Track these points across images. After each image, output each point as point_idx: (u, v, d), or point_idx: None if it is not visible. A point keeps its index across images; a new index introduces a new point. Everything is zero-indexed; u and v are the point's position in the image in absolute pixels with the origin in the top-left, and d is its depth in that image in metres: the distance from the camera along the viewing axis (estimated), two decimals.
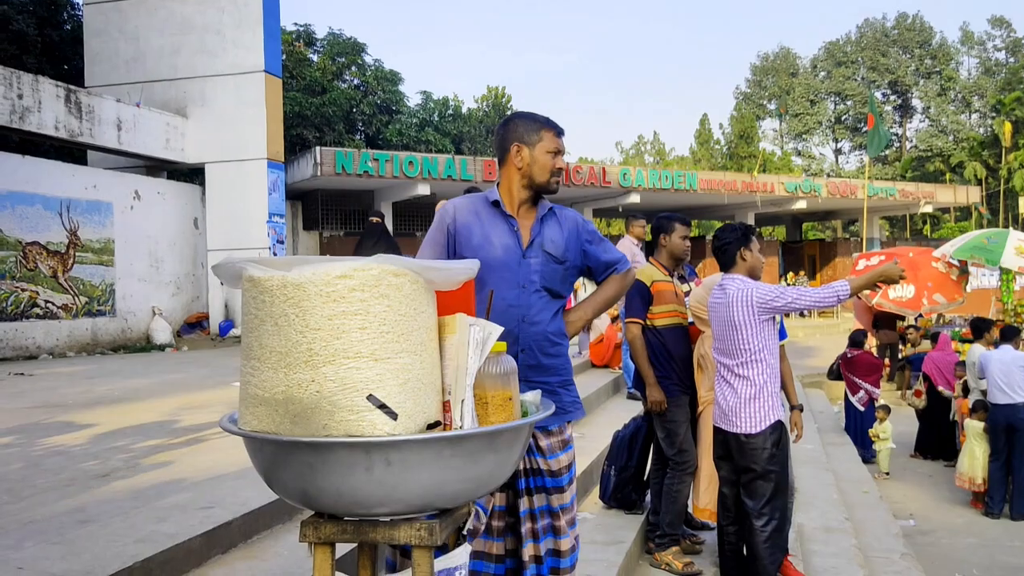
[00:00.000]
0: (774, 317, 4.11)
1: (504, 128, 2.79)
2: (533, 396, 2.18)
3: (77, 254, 12.73)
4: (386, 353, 1.81)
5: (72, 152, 15.64)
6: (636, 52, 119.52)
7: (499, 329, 2.00)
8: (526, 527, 2.64)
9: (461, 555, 2.16)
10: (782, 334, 4.66)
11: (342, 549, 2.24)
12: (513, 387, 2.04)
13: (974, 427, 8.56)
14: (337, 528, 1.94)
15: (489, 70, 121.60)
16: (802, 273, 30.58)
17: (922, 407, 10.66)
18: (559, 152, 2.75)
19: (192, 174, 16.44)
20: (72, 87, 13.18)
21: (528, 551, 2.64)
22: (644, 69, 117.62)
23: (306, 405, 1.79)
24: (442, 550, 2.10)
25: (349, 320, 1.79)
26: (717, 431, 4.24)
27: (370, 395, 1.78)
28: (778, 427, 4.07)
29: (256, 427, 1.87)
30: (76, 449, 4.92)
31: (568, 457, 2.74)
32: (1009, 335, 8.66)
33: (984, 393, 8.58)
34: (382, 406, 1.79)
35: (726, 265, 4.25)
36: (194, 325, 14.79)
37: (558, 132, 2.75)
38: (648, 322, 4.68)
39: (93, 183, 13.11)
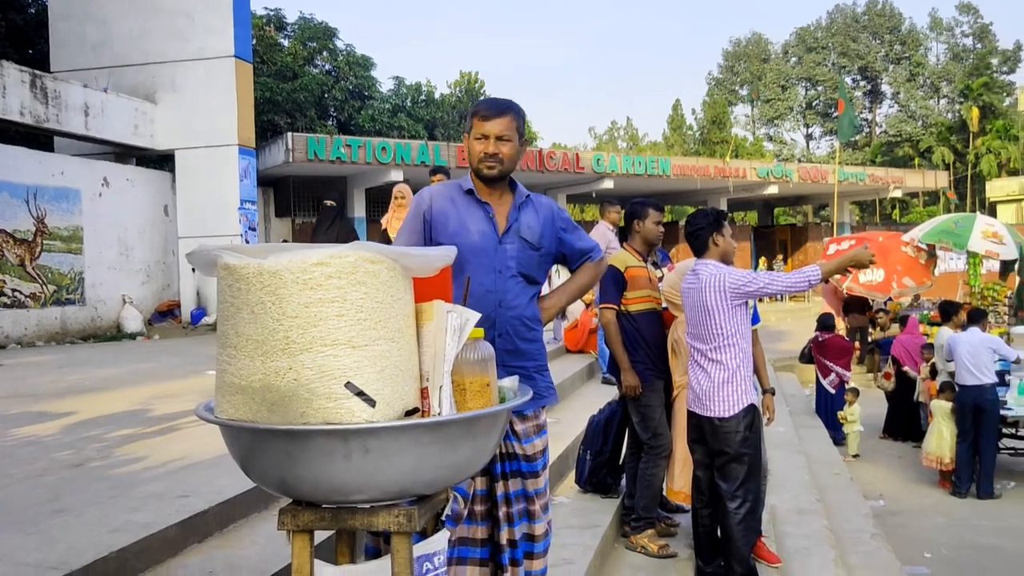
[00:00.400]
0: (746, 302, 4.15)
1: None
2: (510, 382, 2.20)
3: (45, 242, 12.54)
4: (363, 340, 1.82)
5: (39, 138, 15.38)
6: (608, 38, 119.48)
7: (476, 316, 2.00)
8: (502, 511, 2.66)
9: (440, 540, 2.17)
10: (755, 319, 4.71)
11: (319, 536, 2.23)
12: (491, 373, 2.05)
13: (942, 407, 8.71)
14: (315, 516, 1.94)
15: (461, 56, 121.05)
16: (779, 258, 30.82)
17: (891, 389, 10.83)
18: (486, 137, 2.70)
19: (162, 161, 16.23)
20: (38, 72, 12.94)
21: (504, 535, 2.65)
22: (616, 55, 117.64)
23: (283, 393, 1.79)
24: (421, 535, 2.11)
25: (326, 307, 1.79)
26: (691, 415, 4.28)
27: (348, 382, 1.79)
28: (751, 411, 4.12)
29: (233, 415, 1.87)
30: (49, 439, 4.87)
31: (543, 442, 2.75)
32: (976, 317, 8.81)
33: (952, 375, 8.73)
34: (360, 393, 1.79)
35: (699, 250, 4.29)
36: (165, 313, 14.64)
37: (483, 116, 2.70)
38: (622, 307, 4.71)
39: (60, 170, 12.90)
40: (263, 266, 1.81)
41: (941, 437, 8.68)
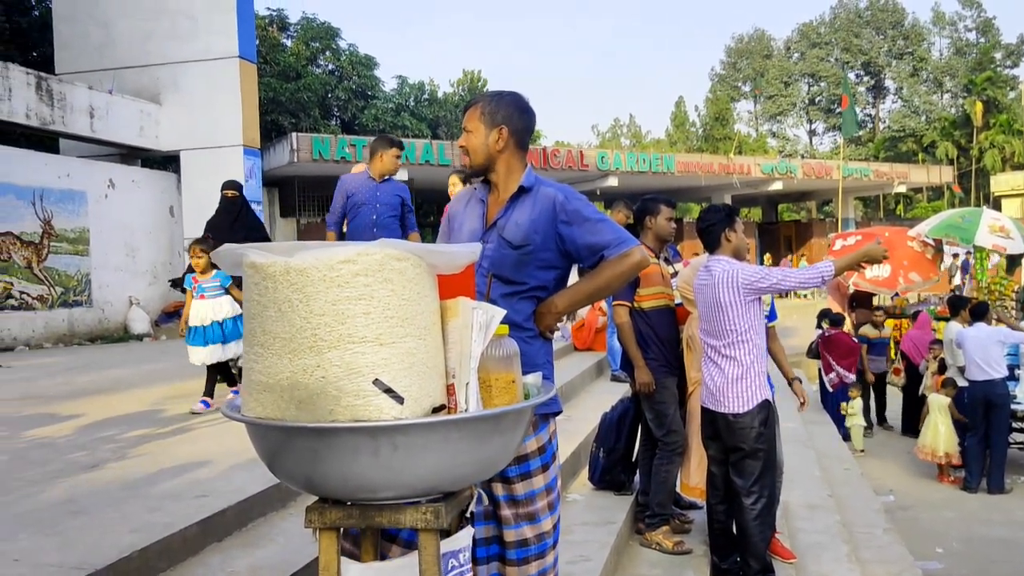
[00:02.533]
0: (760, 298, 4.14)
1: None
2: (534, 379, 2.20)
3: (52, 244, 12.56)
4: (391, 337, 1.81)
5: (44, 140, 15.41)
6: (611, 35, 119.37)
7: (501, 312, 2.00)
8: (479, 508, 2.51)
9: (464, 538, 2.17)
10: (772, 315, 4.71)
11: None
12: (516, 370, 2.05)
13: (939, 401, 8.72)
14: (343, 513, 1.94)
15: (464, 55, 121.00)
16: (788, 257, 30.75)
17: (902, 385, 10.81)
18: (463, 129, 2.68)
19: (167, 162, 16.25)
20: (43, 74, 12.96)
21: (481, 532, 2.53)
22: (618, 51, 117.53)
23: (312, 391, 1.79)
24: (446, 533, 2.11)
25: (353, 305, 1.79)
26: (705, 411, 4.27)
27: (376, 379, 1.78)
28: (765, 406, 4.11)
29: (260, 413, 1.87)
30: (62, 440, 4.88)
31: (531, 443, 2.53)
32: (980, 312, 8.80)
33: (961, 370, 8.72)
34: (388, 390, 1.79)
35: (711, 246, 4.28)
36: (172, 314, 14.64)
37: (463, 110, 2.70)
38: (635, 304, 4.70)
39: (66, 172, 12.91)
40: (290, 264, 1.81)
41: (936, 431, 8.70)
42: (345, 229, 6.37)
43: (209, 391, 5.97)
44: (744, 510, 4.08)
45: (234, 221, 7.17)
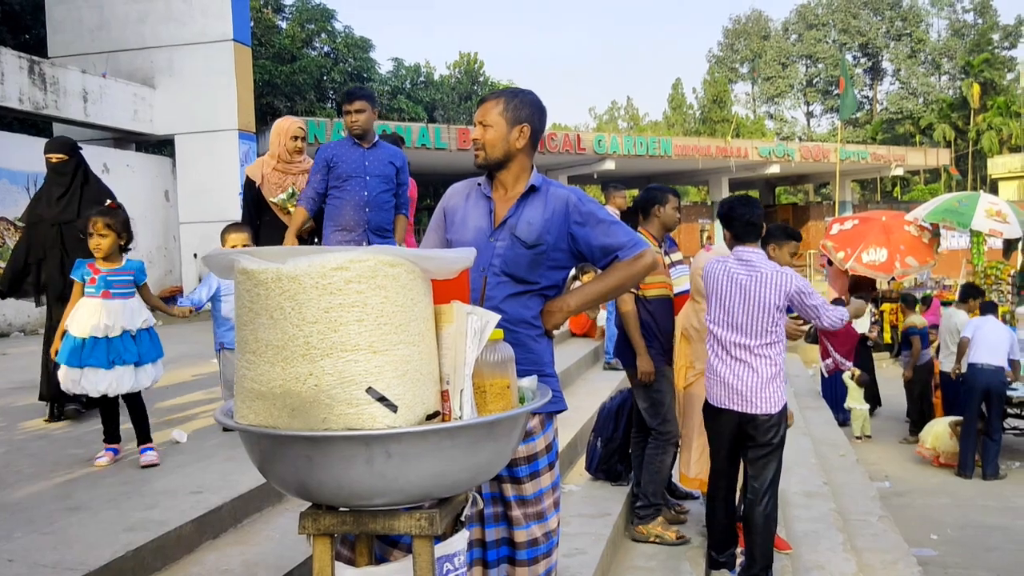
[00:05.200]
0: None
1: None
2: (529, 382, 2.18)
3: None
4: (384, 345, 1.80)
5: (37, 125, 15.30)
6: (608, 16, 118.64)
7: (496, 317, 1.99)
8: (472, 510, 2.41)
9: (459, 541, 2.17)
10: None
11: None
12: (511, 374, 2.04)
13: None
14: (336, 520, 1.94)
15: (460, 37, 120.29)
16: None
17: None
18: (476, 124, 2.63)
19: (161, 146, 16.15)
20: (36, 58, 12.85)
21: (472, 533, 2.52)
22: (616, 33, 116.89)
23: (304, 399, 1.78)
24: (440, 537, 2.11)
25: (346, 312, 1.78)
26: (723, 411, 4.11)
27: (369, 388, 1.77)
28: (786, 405, 4.12)
29: (253, 421, 1.86)
30: (58, 432, 4.86)
31: (527, 449, 2.54)
32: (990, 309, 8.85)
33: (958, 356, 8.74)
34: (381, 399, 1.78)
35: (751, 238, 4.14)
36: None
37: (479, 103, 2.65)
38: (640, 292, 4.66)
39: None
40: (282, 271, 1.79)
41: (931, 428, 8.81)
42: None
43: (112, 433, 4.16)
44: (758, 508, 4.04)
45: (66, 192, 5.25)
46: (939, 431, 8.71)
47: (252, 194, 5.99)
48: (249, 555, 3.15)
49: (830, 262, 13.13)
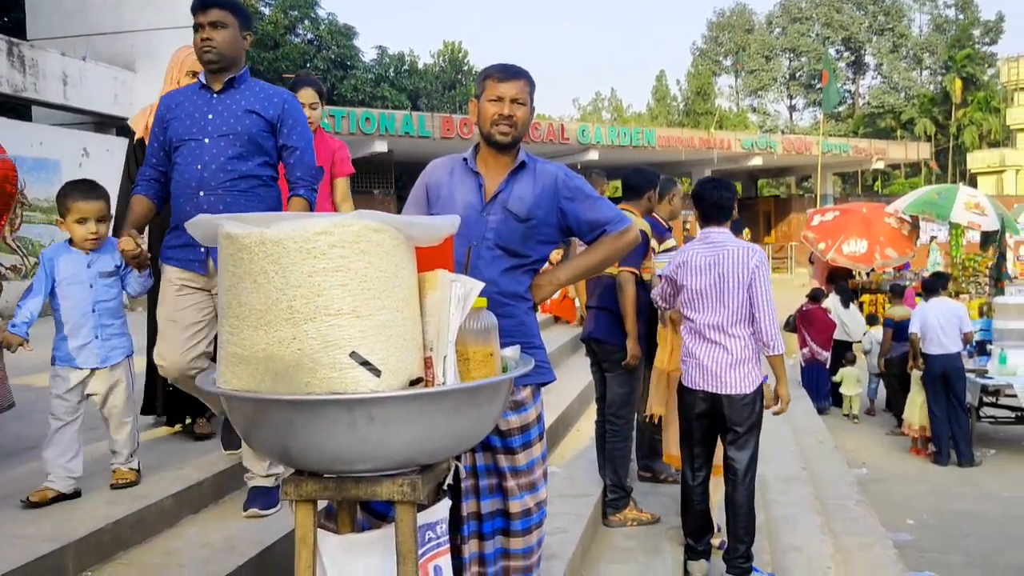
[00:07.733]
0: None
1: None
2: (512, 352, 2.19)
3: (25, 213, 12.36)
4: (368, 310, 1.80)
5: (16, 108, 15.12)
6: (592, 7, 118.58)
7: (480, 285, 1.99)
8: (468, 483, 2.54)
9: (441, 510, 2.18)
10: None
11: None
12: (494, 343, 2.05)
13: (916, 375, 8.85)
14: (319, 486, 1.94)
15: (444, 26, 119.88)
16: (773, 232, 30.88)
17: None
18: (500, 99, 2.60)
19: None
20: (15, 40, 12.70)
21: (468, 507, 2.55)
22: (600, 24, 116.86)
23: (288, 363, 1.78)
24: (422, 505, 2.11)
25: (330, 277, 1.78)
26: (698, 392, 4.08)
27: (352, 352, 1.78)
28: (761, 383, 4.11)
29: (236, 385, 1.85)
30: (38, 415, 4.81)
31: (520, 420, 2.58)
32: (935, 286, 8.88)
33: (912, 352, 8.84)
34: (365, 363, 1.78)
35: (721, 219, 4.15)
36: None
37: (498, 78, 2.61)
38: (640, 274, 4.65)
39: (39, 140, 12.68)
40: (265, 235, 1.79)
41: (914, 404, 8.85)
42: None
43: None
44: (740, 487, 4.03)
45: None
46: (920, 403, 8.78)
47: (133, 148, 4.32)
48: (230, 530, 3.15)
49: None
